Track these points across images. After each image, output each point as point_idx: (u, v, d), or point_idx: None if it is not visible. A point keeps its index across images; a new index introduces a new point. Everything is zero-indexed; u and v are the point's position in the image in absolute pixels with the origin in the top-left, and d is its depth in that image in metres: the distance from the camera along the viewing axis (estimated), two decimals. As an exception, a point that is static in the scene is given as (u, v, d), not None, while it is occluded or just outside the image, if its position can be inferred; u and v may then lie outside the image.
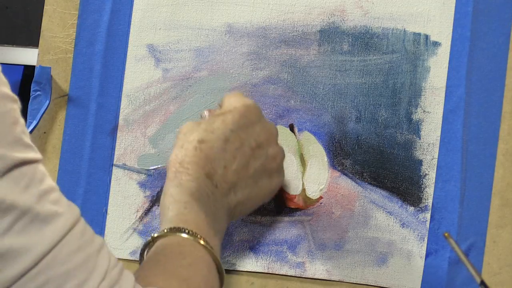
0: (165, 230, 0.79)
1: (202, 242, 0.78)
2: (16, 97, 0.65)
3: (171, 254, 0.76)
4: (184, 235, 0.78)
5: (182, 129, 0.87)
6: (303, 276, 0.98)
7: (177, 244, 0.77)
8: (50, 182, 0.66)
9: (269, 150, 0.88)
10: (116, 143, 1.00)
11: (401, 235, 0.97)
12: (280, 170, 0.91)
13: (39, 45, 1.01)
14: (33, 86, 0.99)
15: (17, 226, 0.62)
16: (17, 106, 0.65)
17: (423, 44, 0.97)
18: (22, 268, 0.62)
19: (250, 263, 0.99)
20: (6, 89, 0.64)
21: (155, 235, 0.79)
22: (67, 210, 0.66)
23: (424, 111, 0.97)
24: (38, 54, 1.01)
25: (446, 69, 0.97)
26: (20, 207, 0.62)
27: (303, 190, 0.98)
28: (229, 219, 0.86)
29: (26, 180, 0.63)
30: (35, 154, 0.65)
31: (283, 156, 0.91)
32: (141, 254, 0.80)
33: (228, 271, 0.99)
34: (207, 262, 0.77)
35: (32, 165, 0.64)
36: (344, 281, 0.98)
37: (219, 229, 0.83)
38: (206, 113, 0.92)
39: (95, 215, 1.00)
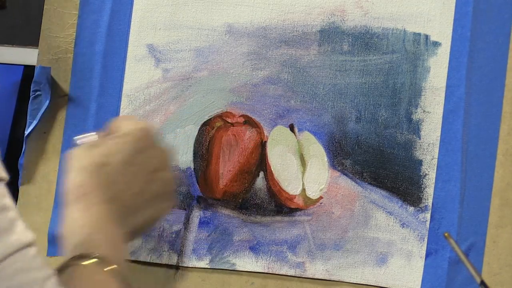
0: (67, 259, 0.77)
1: (107, 266, 0.77)
2: None
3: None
4: (87, 261, 0.76)
5: (73, 154, 0.85)
6: (303, 276, 0.98)
7: (80, 274, 0.76)
8: (8, 201, 0.65)
9: (165, 174, 0.88)
10: (116, 143, 1.00)
11: (401, 235, 0.97)
12: (173, 194, 0.90)
13: (39, 45, 1.01)
14: (33, 86, 0.99)
15: None
16: None
17: (423, 44, 0.97)
18: None
19: (250, 263, 0.99)
20: None
21: (57, 268, 0.76)
22: (21, 231, 0.66)
23: (424, 111, 0.97)
24: (38, 54, 1.01)
25: (446, 69, 0.97)
26: None
27: (303, 190, 0.98)
28: (129, 240, 0.85)
29: None
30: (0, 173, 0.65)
31: (175, 181, 0.91)
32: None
33: (228, 271, 0.99)
34: (106, 283, 0.76)
35: None
36: (344, 281, 0.98)
37: (123, 250, 0.83)
38: (95, 136, 0.89)
39: (95, 215, 1.00)
